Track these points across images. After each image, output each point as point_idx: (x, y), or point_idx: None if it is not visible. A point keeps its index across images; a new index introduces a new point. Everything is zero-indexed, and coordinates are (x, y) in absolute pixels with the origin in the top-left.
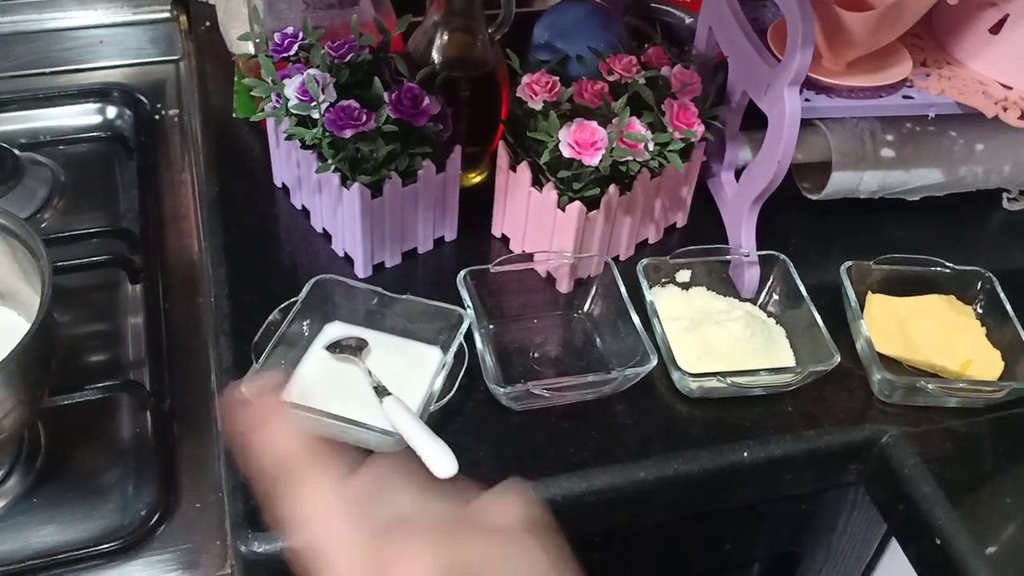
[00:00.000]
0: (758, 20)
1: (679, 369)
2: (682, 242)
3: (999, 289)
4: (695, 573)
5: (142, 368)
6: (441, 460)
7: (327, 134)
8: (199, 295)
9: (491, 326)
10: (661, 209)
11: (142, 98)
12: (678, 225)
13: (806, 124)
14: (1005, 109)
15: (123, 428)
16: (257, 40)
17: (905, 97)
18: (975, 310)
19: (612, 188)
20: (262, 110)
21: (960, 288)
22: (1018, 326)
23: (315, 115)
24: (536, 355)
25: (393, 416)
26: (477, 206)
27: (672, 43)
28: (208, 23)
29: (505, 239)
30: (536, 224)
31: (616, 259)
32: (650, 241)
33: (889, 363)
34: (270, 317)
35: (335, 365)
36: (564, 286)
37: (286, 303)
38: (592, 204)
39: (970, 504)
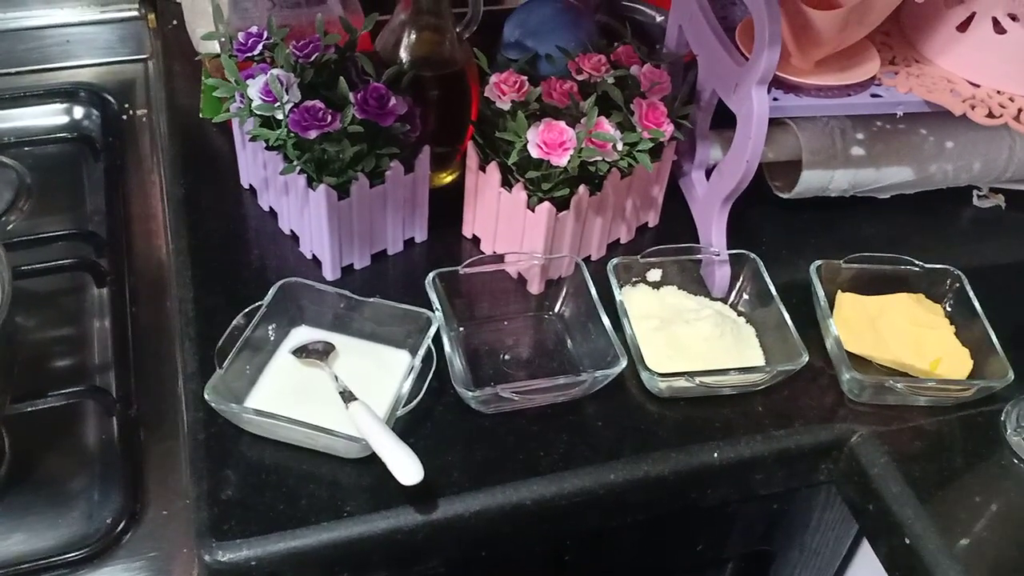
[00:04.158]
0: (727, 19)
1: (648, 369)
2: (654, 241)
3: (968, 287)
4: (668, 573)
5: (108, 373)
6: (406, 466)
7: (291, 135)
8: (167, 298)
9: (461, 328)
10: (632, 209)
11: (109, 98)
12: (650, 225)
13: (776, 123)
14: (973, 107)
15: (89, 434)
16: (222, 39)
17: (873, 96)
18: (944, 308)
19: (582, 188)
20: (227, 111)
21: (929, 286)
22: (986, 324)
23: (279, 116)
24: (507, 357)
25: (359, 421)
26: (448, 206)
27: (643, 41)
28: (175, 21)
29: (476, 240)
30: (506, 225)
31: (588, 259)
32: (622, 241)
33: (859, 362)
34: (234, 322)
35: (302, 370)
36: (535, 287)
37: (251, 307)
38: (562, 204)
39: (939, 503)
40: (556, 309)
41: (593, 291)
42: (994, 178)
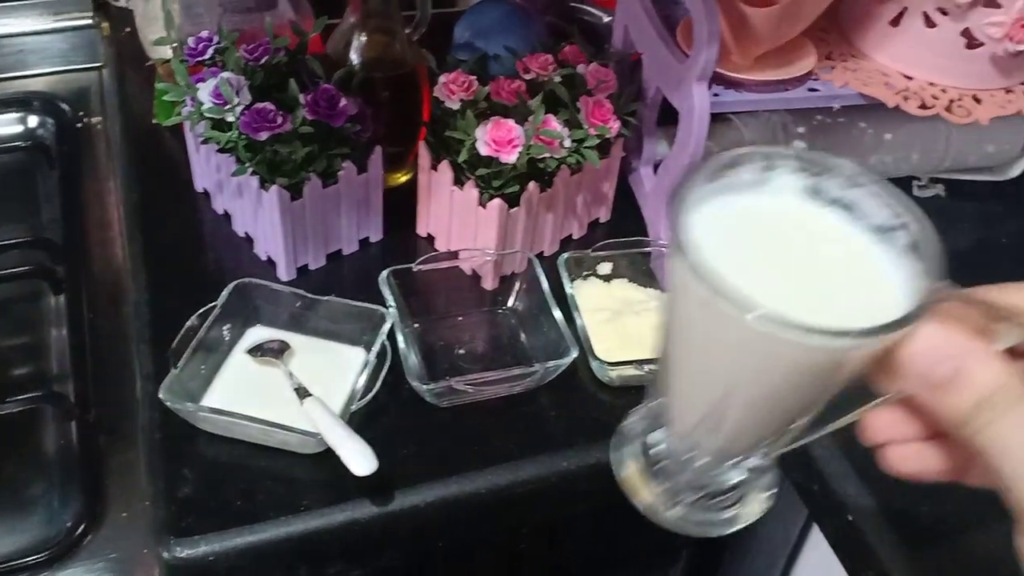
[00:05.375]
0: (671, 17)
1: (597, 358)
2: (606, 236)
3: None
4: (622, 562)
5: (66, 379)
6: (358, 457)
7: (243, 137)
8: (124, 304)
9: (416, 324)
10: (583, 205)
11: (64, 106)
12: (601, 220)
13: (720, 118)
14: (906, 99)
15: (48, 440)
16: (173, 44)
17: (811, 90)
18: None
19: (532, 185)
20: (178, 114)
21: None
22: None
23: (230, 118)
24: (461, 352)
25: (313, 416)
26: (403, 206)
27: (591, 41)
28: (128, 28)
29: (431, 238)
30: (460, 222)
31: (541, 255)
32: (574, 236)
33: None
34: (188, 322)
35: (257, 369)
36: (488, 283)
37: (204, 308)
38: (513, 201)
39: (881, 480)
40: (509, 304)
41: (545, 285)
42: (932, 168)
